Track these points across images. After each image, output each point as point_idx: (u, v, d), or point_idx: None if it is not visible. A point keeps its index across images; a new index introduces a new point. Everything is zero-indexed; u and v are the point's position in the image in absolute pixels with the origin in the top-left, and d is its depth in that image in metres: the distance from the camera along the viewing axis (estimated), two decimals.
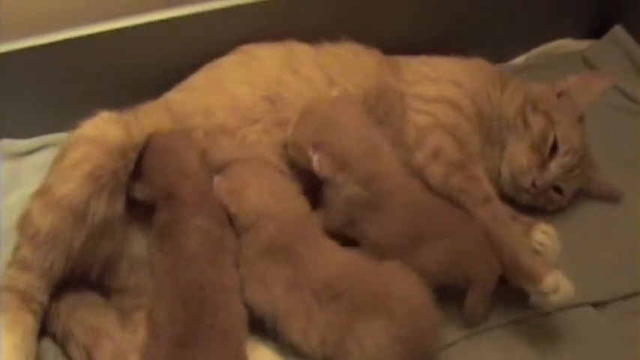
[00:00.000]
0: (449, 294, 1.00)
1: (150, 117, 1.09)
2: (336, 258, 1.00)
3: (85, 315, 0.96)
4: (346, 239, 1.04)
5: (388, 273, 0.97)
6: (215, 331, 0.91)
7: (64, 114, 1.04)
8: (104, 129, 0.99)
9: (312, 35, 1.20)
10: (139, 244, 1.03)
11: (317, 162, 1.04)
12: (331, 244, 1.02)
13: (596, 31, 1.52)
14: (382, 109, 1.16)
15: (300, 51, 1.18)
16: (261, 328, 0.98)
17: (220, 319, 0.92)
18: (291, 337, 0.96)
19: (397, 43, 1.26)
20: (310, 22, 1.23)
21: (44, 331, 0.97)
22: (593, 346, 1.03)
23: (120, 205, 0.99)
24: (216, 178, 1.05)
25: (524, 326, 1.05)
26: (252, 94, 1.12)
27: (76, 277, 0.98)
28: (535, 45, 1.51)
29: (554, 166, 1.13)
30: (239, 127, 1.10)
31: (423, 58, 1.26)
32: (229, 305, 0.95)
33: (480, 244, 1.01)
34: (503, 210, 1.07)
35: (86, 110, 1.01)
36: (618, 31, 1.48)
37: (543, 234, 1.06)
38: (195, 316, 0.91)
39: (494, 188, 1.10)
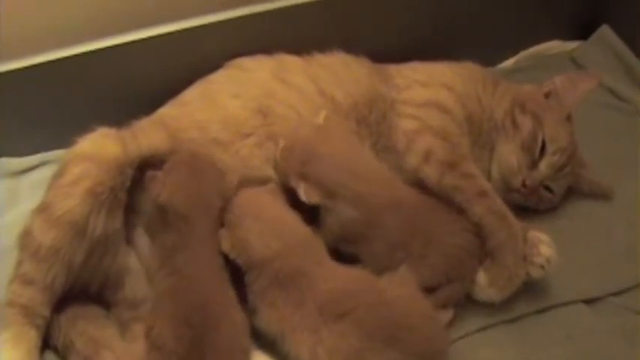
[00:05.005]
0: None
1: (146, 133, 1.10)
2: (340, 274, 1.00)
3: (85, 327, 0.98)
4: (347, 257, 1.06)
5: (393, 292, 0.97)
6: (220, 344, 0.93)
7: (60, 131, 1.05)
8: (102, 145, 1.01)
9: (302, 47, 1.21)
10: (136, 257, 1.04)
11: (303, 192, 1.05)
12: (335, 263, 1.02)
13: (583, 31, 1.53)
14: (374, 117, 1.16)
15: (290, 63, 1.19)
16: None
17: (224, 332, 0.93)
18: (299, 355, 0.95)
19: (387, 51, 1.26)
20: (301, 33, 1.24)
21: (46, 344, 0.98)
22: (586, 342, 1.04)
23: (118, 220, 1.01)
24: (222, 231, 1.02)
25: (519, 324, 1.06)
26: (244, 107, 1.12)
27: (76, 290, 1.00)
28: (524, 47, 1.51)
29: (544, 166, 1.14)
30: (232, 142, 1.10)
31: (413, 64, 1.26)
32: (230, 318, 0.96)
33: (469, 253, 1.04)
34: (502, 205, 1.07)
35: (82, 127, 1.03)
36: (605, 30, 1.50)
37: (550, 248, 1.05)
38: (199, 334, 0.92)
39: None
